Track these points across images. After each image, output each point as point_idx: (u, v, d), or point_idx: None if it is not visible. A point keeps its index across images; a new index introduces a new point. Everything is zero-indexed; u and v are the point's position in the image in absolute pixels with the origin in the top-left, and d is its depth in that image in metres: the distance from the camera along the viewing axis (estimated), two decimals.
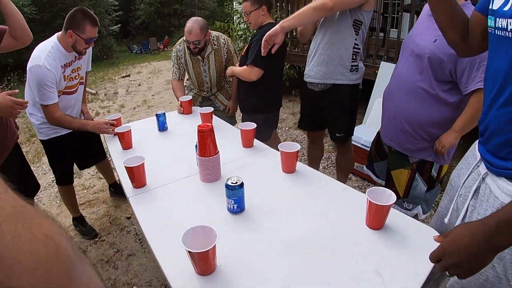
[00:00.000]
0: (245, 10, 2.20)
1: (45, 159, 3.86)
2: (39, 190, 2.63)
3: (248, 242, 1.02)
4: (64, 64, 1.96)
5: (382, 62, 3.25)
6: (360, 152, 2.70)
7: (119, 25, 14.39)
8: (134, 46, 14.67)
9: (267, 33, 1.94)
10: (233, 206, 1.15)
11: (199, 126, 1.34)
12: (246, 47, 2.26)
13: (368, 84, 3.20)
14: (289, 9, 4.29)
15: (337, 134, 2.21)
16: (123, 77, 8.22)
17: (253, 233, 1.06)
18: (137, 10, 18.03)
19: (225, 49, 2.49)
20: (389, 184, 1.73)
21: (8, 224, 0.24)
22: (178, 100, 2.45)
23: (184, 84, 2.70)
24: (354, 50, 1.95)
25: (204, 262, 0.86)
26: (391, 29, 3.39)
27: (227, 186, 1.13)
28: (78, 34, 1.87)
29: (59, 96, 1.98)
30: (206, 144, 1.36)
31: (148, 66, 9.36)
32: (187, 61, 2.51)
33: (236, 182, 1.13)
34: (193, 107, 2.50)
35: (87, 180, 3.17)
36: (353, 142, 2.63)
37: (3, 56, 9.03)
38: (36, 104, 2.01)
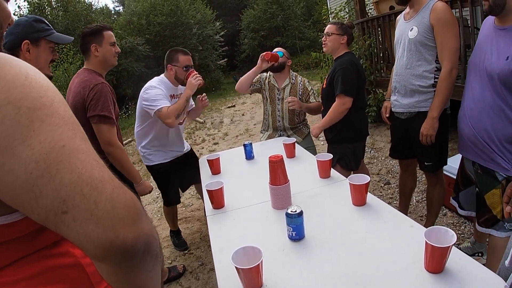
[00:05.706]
0: (328, 31, 2.29)
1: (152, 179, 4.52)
2: (144, 204, 3.12)
3: (299, 269, 1.07)
4: (171, 95, 2.35)
5: None
6: None
7: (225, 59, 15.98)
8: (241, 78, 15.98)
9: None
10: (292, 233, 1.21)
11: (270, 157, 1.47)
12: (325, 81, 2.34)
13: None
14: (380, 32, 4.18)
15: (425, 163, 2.08)
16: (229, 107, 9.01)
17: (305, 260, 1.10)
18: (241, 44, 19.83)
19: (301, 85, 2.67)
20: (483, 211, 1.55)
21: (118, 188, 0.48)
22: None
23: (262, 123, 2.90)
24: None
25: (248, 278, 0.95)
26: None
27: (286, 214, 1.21)
28: (175, 65, 2.28)
29: None
30: (277, 174, 1.47)
31: (253, 97, 9.81)
32: (265, 85, 2.75)
33: (296, 211, 1.20)
34: (277, 138, 2.66)
35: (187, 199, 3.61)
36: (447, 173, 2.38)
37: (122, 88, 10.74)
38: (141, 131, 2.37)
